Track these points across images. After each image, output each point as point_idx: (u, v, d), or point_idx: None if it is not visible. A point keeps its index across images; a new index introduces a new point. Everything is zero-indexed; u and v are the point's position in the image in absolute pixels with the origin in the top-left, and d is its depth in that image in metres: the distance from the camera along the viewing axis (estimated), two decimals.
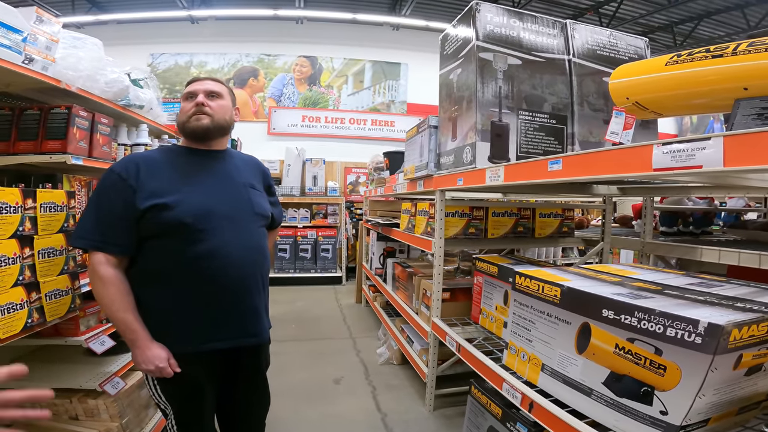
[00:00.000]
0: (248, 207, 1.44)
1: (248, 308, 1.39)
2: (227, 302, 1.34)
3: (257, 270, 1.42)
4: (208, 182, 1.39)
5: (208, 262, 1.29)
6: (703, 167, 0.80)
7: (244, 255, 1.37)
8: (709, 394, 0.92)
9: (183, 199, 1.30)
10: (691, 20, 7.08)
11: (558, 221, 2.56)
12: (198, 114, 1.39)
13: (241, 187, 1.45)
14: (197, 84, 1.44)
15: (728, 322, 0.84)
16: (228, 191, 1.41)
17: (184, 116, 1.40)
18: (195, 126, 1.39)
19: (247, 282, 1.38)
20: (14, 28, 1.39)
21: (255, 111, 7.19)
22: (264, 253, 1.48)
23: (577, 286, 1.19)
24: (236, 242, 1.35)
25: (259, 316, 1.44)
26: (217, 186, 1.40)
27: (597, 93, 1.97)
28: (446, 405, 2.47)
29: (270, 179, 1.67)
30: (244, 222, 1.40)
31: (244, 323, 1.39)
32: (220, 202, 1.37)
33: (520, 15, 1.94)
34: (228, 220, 1.36)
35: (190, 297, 1.30)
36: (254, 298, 1.41)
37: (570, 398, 1.23)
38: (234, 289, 1.34)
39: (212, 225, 1.31)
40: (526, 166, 1.45)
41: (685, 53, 1.09)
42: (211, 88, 1.43)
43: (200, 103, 1.38)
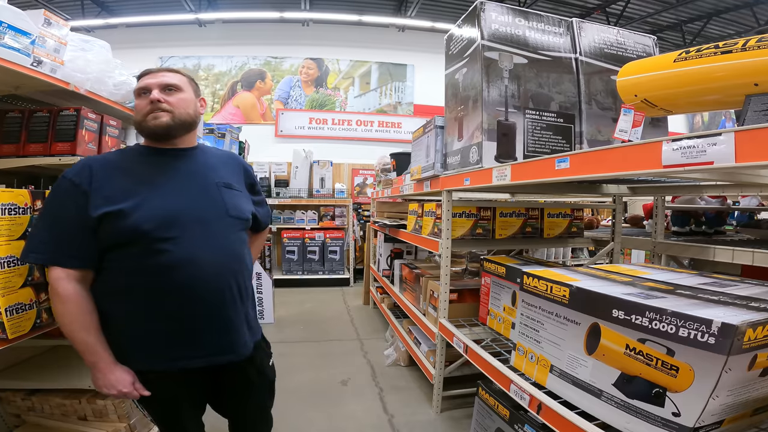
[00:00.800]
0: (221, 209, 1.29)
1: (222, 322, 1.25)
2: (197, 317, 1.21)
3: (232, 280, 1.28)
4: (172, 184, 1.25)
5: (175, 274, 1.16)
6: (715, 163, 0.78)
7: (217, 264, 1.23)
8: (723, 396, 0.90)
9: (141, 204, 1.17)
10: (700, 19, 7.01)
11: (567, 221, 2.53)
12: (155, 111, 1.24)
13: (212, 187, 1.31)
14: (150, 77, 1.28)
15: (742, 322, 0.82)
16: (197, 193, 1.27)
17: (140, 115, 1.26)
18: (153, 126, 1.24)
19: (220, 294, 1.24)
20: (23, 30, 1.41)
21: (262, 113, 7.23)
22: (242, 260, 1.33)
23: (587, 286, 1.18)
24: (207, 250, 1.21)
25: (236, 331, 1.29)
26: (184, 187, 1.26)
27: (605, 91, 1.95)
28: (453, 407, 2.45)
29: (253, 176, 1.52)
30: (217, 226, 1.26)
31: (218, 339, 1.25)
32: (188, 206, 1.23)
33: (525, 14, 1.93)
34: (197, 226, 1.22)
35: (157, 313, 1.18)
36: (229, 310, 1.26)
37: (579, 400, 1.21)
38: (205, 303, 1.21)
39: (177, 232, 1.18)
40: (533, 165, 1.44)
41: (693, 50, 1.08)
42: (168, 80, 1.27)
43: (155, 99, 1.23)
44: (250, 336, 1.36)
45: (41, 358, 2.01)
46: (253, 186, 1.50)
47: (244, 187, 1.44)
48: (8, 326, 1.29)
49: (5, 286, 1.28)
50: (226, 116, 7.04)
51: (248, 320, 1.36)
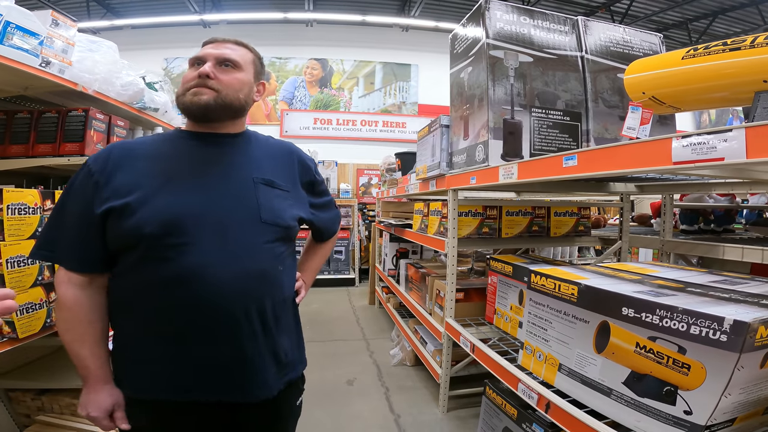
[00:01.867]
0: (251, 212, 1.04)
1: (232, 357, 1.01)
2: (204, 345, 0.98)
3: (253, 305, 1.01)
4: (194, 176, 1.02)
5: (178, 290, 0.95)
6: (725, 159, 0.78)
7: (233, 282, 0.98)
8: (735, 394, 0.90)
9: (148, 199, 0.96)
10: (706, 17, 6.96)
11: (574, 220, 2.52)
12: (199, 87, 1.03)
13: (246, 183, 1.06)
14: (211, 47, 1.09)
15: (754, 320, 0.81)
16: (223, 190, 1.03)
17: (182, 88, 1.05)
18: (190, 102, 1.03)
19: (233, 321, 0.99)
20: (31, 31, 1.42)
21: (267, 114, 7.25)
22: (271, 280, 1.05)
23: (595, 284, 1.17)
24: (222, 264, 0.97)
25: (251, 368, 1.02)
26: (208, 182, 1.03)
27: (611, 89, 1.94)
28: (460, 406, 2.44)
29: (313, 173, 1.26)
30: (242, 234, 1.01)
31: (227, 375, 1.01)
32: (206, 206, 1.00)
33: (530, 12, 1.93)
34: (215, 232, 0.98)
35: (160, 335, 0.98)
36: (244, 342, 1.01)
37: (588, 398, 1.20)
38: (212, 330, 0.98)
39: (188, 238, 0.96)
40: (540, 162, 1.43)
41: (701, 47, 1.07)
42: (228, 54, 1.07)
43: (205, 73, 1.03)
44: (279, 375, 1.09)
45: (51, 357, 2.02)
46: (312, 185, 1.25)
47: (299, 185, 1.19)
48: (18, 326, 1.30)
49: (15, 285, 1.29)
50: None
51: (277, 355, 1.08)
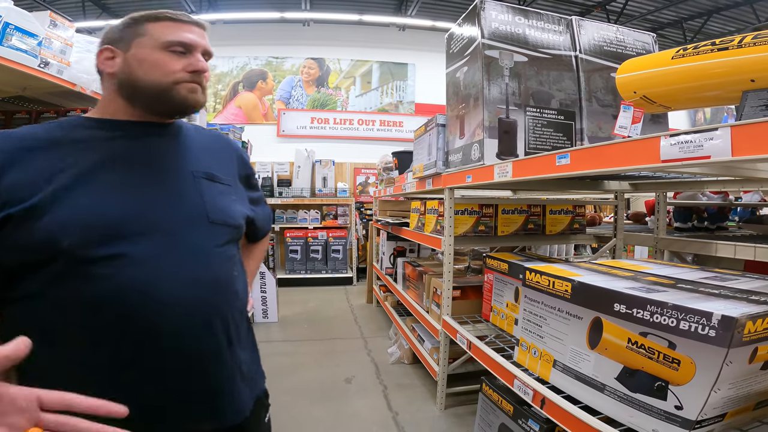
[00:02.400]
0: (197, 212, 0.89)
1: (201, 383, 0.85)
2: (162, 375, 0.81)
3: (218, 321, 0.87)
4: (122, 173, 0.84)
5: (117, 314, 0.76)
6: (711, 157, 0.80)
7: (192, 298, 0.82)
8: (725, 389, 0.91)
9: (61, 202, 0.75)
10: (701, 16, 6.99)
11: (569, 218, 2.54)
12: (195, 84, 0.90)
13: (186, 178, 0.91)
14: (191, 33, 0.90)
15: (742, 315, 0.83)
16: (161, 187, 0.87)
17: (169, 77, 0.86)
18: (186, 100, 0.89)
19: (197, 344, 0.83)
20: (30, 32, 1.42)
21: (264, 114, 7.25)
22: (232, 289, 0.93)
23: (588, 280, 1.19)
24: (173, 275, 0.81)
25: (221, 391, 0.88)
26: (141, 178, 0.86)
27: (605, 89, 1.96)
28: (457, 404, 2.46)
29: (249, 166, 1.13)
30: (191, 239, 0.86)
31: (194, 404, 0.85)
32: (143, 207, 0.83)
33: (525, 12, 1.94)
34: (157, 239, 0.82)
35: (96, 372, 0.77)
36: (212, 365, 0.86)
37: (582, 394, 1.22)
38: (170, 354, 0.81)
39: (123, 248, 0.78)
40: (534, 161, 1.45)
41: (690, 47, 1.09)
42: (209, 48, 0.95)
43: (203, 70, 0.90)
44: (249, 392, 0.96)
45: None
46: (249, 179, 1.12)
47: (238, 180, 1.06)
48: None
49: None
50: (228, 117, 7.07)
51: (242, 371, 0.94)
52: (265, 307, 4.15)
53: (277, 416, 2.31)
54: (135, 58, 0.87)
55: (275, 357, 3.28)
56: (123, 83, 0.88)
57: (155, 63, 0.86)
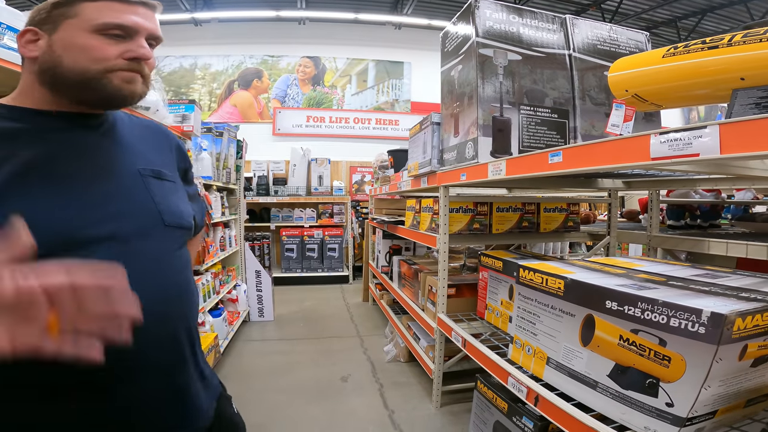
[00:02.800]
0: (151, 216, 0.82)
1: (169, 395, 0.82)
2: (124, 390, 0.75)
3: (182, 329, 0.84)
4: (63, 172, 0.74)
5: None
6: (700, 155, 0.80)
7: (155, 308, 0.74)
8: (715, 386, 0.92)
9: (3, 202, 0.66)
10: (695, 15, 7.03)
11: (563, 216, 2.55)
12: (133, 72, 0.79)
13: (134, 177, 0.83)
14: (132, 12, 0.79)
15: (731, 312, 0.83)
16: (108, 188, 0.78)
17: (99, 64, 0.75)
18: (120, 90, 0.78)
19: (165, 356, 0.81)
20: (18, 30, 1.42)
21: (260, 112, 7.24)
22: (191, 295, 0.90)
23: (581, 278, 1.19)
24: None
25: (190, 400, 0.87)
26: (87, 179, 0.76)
27: (598, 87, 1.97)
28: (453, 402, 2.47)
29: (187, 159, 1.05)
30: (150, 246, 0.80)
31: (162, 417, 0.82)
32: (93, 211, 0.74)
33: (519, 11, 1.94)
34: (113, 246, 0.74)
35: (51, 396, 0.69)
36: (180, 376, 0.84)
37: (575, 391, 1.22)
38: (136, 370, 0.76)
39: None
40: (527, 159, 1.45)
41: (681, 45, 1.10)
42: (158, 32, 0.84)
43: (144, 57, 0.79)
44: (208, 397, 0.93)
45: None
46: (187, 173, 1.03)
47: (178, 174, 0.97)
48: None
49: None
50: (224, 115, 7.05)
51: (203, 376, 0.93)
52: (260, 306, 4.14)
53: (272, 415, 2.33)
54: (61, 42, 0.76)
55: (271, 356, 3.28)
56: (44, 69, 0.77)
57: (83, 48, 0.75)
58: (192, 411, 0.87)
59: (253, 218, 6.31)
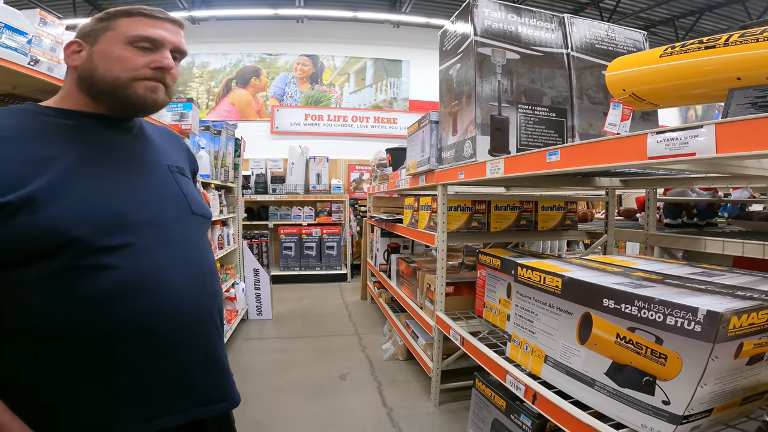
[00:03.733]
0: (182, 204, 0.94)
1: (206, 363, 0.90)
2: (169, 361, 0.84)
3: (214, 304, 0.94)
4: (108, 165, 0.85)
5: (128, 303, 0.78)
6: (696, 154, 0.81)
7: (191, 283, 0.87)
8: (711, 384, 0.92)
9: (59, 191, 0.75)
10: (693, 14, 7.04)
11: (561, 214, 2.55)
12: (156, 82, 0.89)
13: (164, 171, 0.96)
14: (163, 29, 0.89)
15: (727, 310, 0.84)
16: (147, 179, 0.91)
17: (126, 72, 0.85)
18: (144, 99, 0.87)
19: (202, 327, 0.90)
20: (19, 30, 1.41)
21: (258, 110, 7.22)
22: (216, 275, 1.00)
23: (578, 276, 1.20)
24: (174, 264, 0.85)
25: (223, 371, 0.96)
26: (130, 172, 0.88)
27: (596, 86, 1.97)
28: (452, 399, 2.48)
29: (196, 162, 1.18)
30: (180, 230, 0.90)
31: (202, 385, 0.90)
32: (136, 197, 0.86)
33: (517, 10, 1.95)
34: (154, 228, 0.85)
35: (103, 363, 0.78)
36: (214, 345, 0.93)
37: (573, 389, 1.23)
38: (178, 340, 0.85)
39: (130, 237, 0.80)
40: (525, 157, 1.46)
41: (678, 45, 1.10)
42: (183, 46, 0.93)
43: (168, 67, 0.89)
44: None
45: None
46: (195, 175, 1.16)
47: (190, 174, 1.10)
48: None
49: None
50: (222, 113, 7.03)
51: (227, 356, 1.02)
52: (259, 304, 4.15)
53: (271, 413, 2.33)
54: (99, 53, 0.86)
55: (269, 354, 3.28)
56: (82, 77, 0.87)
57: (117, 58, 0.85)
58: (230, 384, 0.97)
59: (251, 216, 6.30)
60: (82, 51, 0.88)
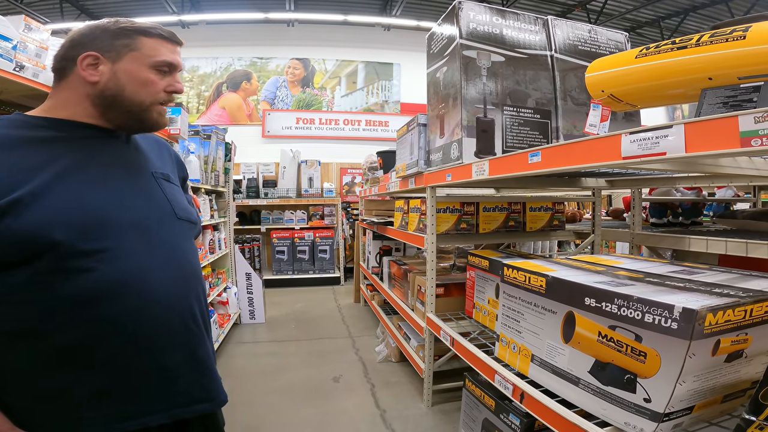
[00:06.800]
0: (165, 210, 0.96)
1: (189, 363, 0.92)
2: (151, 361, 0.86)
3: (196, 305, 0.95)
4: (93, 172, 0.86)
5: (109, 305, 0.80)
6: (667, 154, 0.82)
7: (174, 286, 0.90)
8: (690, 381, 0.93)
9: (41, 196, 0.77)
10: (678, 15, 7.13)
11: (548, 215, 2.58)
12: (166, 105, 0.96)
13: (149, 178, 0.97)
14: (176, 53, 0.95)
15: (702, 307, 0.85)
16: (130, 185, 0.92)
17: (152, 97, 0.91)
18: (156, 122, 0.95)
19: (183, 328, 0.91)
20: (4, 36, 1.41)
21: (249, 114, 7.21)
22: (200, 278, 1.01)
23: (562, 275, 1.21)
24: (157, 267, 0.87)
25: (207, 371, 0.97)
26: (111, 177, 0.89)
27: (579, 87, 2.00)
28: (444, 400, 2.49)
29: (185, 168, 1.20)
30: (164, 233, 0.92)
31: (185, 385, 0.91)
32: (119, 203, 0.87)
33: (502, 12, 1.97)
34: (137, 232, 0.87)
35: (84, 365, 0.80)
36: (197, 346, 0.95)
37: (559, 388, 1.24)
38: (161, 341, 0.87)
39: (110, 241, 0.82)
40: (508, 159, 1.48)
41: (653, 46, 1.12)
42: (182, 66, 1.00)
43: (180, 92, 0.96)
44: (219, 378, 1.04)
45: None
46: (185, 181, 1.18)
47: (179, 181, 1.12)
48: None
49: None
50: (212, 118, 7.01)
51: (214, 358, 1.04)
52: (251, 308, 4.13)
53: (264, 416, 2.33)
54: (126, 73, 0.88)
55: (263, 358, 3.27)
56: (105, 95, 0.89)
57: (144, 81, 0.90)
58: (215, 385, 0.99)
59: (243, 221, 6.28)
60: (100, 65, 0.88)
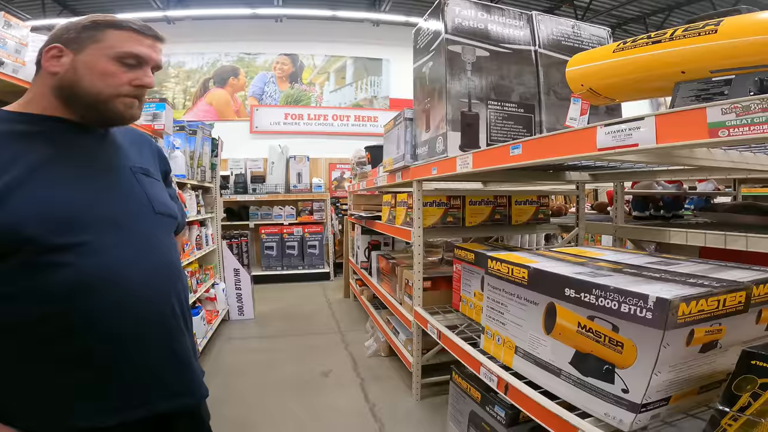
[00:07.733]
0: (143, 204, 0.96)
1: (168, 357, 0.93)
2: (129, 355, 0.86)
3: (175, 300, 0.95)
4: (66, 166, 0.86)
5: (85, 299, 0.80)
6: (639, 145, 0.84)
7: (152, 280, 0.90)
8: (665, 372, 0.94)
9: (17, 188, 0.77)
10: (663, 11, 7.19)
11: (534, 208, 2.60)
12: (134, 99, 0.92)
13: (127, 173, 0.96)
14: (147, 46, 0.92)
15: (675, 297, 0.86)
16: (107, 180, 0.91)
17: (109, 88, 0.88)
18: (122, 114, 0.91)
19: (161, 322, 0.91)
20: None
21: (236, 110, 7.15)
22: (179, 272, 1.01)
23: (543, 267, 1.22)
24: (134, 261, 0.87)
25: (187, 365, 0.97)
26: (84, 172, 0.88)
27: (562, 82, 2.01)
28: (433, 394, 2.50)
29: (167, 162, 1.19)
30: (142, 228, 0.92)
31: (165, 379, 0.92)
32: (96, 197, 0.87)
33: (487, 8, 1.98)
34: (114, 226, 0.87)
35: (62, 357, 0.80)
36: (176, 340, 0.95)
37: (542, 379, 1.26)
38: (139, 335, 0.87)
39: (84, 236, 0.82)
40: (491, 152, 1.49)
41: (630, 40, 1.14)
42: (160, 62, 0.96)
43: (148, 85, 0.92)
44: (201, 373, 1.05)
45: None
46: (167, 175, 1.17)
47: (160, 176, 1.11)
48: None
49: None
50: (199, 113, 6.94)
51: (195, 355, 1.05)
52: (240, 304, 4.12)
53: (253, 412, 2.33)
54: (84, 64, 0.87)
55: (251, 354, 3.27)
56: (63, 86, 0.87)
57: (102, 72, 0.87)
58: (194, 379, 0.99)
59: (232, 216, 6.25)
60: (63, 57, 0.87)
